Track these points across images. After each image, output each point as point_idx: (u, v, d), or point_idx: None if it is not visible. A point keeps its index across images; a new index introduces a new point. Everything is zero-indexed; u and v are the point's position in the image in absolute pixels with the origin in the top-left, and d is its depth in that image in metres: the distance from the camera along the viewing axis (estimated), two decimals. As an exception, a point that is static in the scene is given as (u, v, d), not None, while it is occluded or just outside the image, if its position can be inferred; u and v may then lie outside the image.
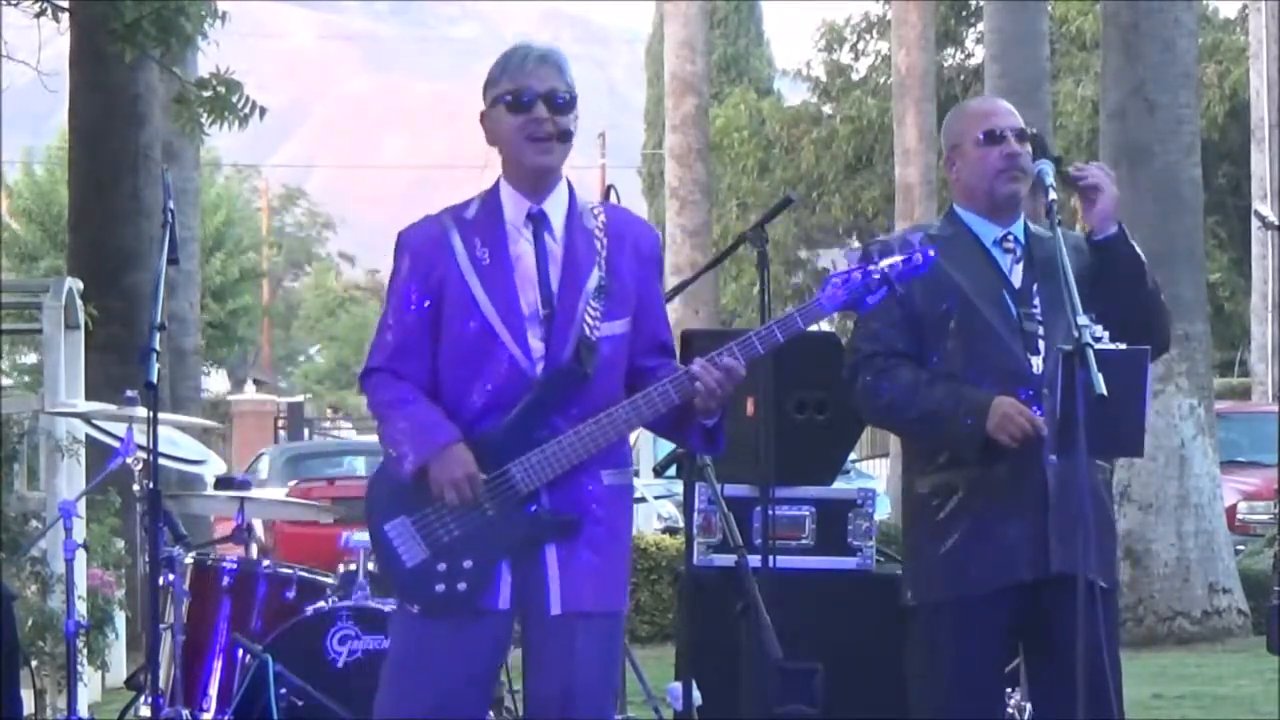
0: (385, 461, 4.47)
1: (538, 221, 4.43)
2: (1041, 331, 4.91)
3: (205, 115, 11.11)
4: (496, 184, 4.50)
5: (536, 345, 4.37)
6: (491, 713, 6.23)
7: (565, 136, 4.42)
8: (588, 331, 4.37)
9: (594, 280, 4.40)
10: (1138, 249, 4.97)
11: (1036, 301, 4.94)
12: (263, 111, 11.19)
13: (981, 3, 25.96)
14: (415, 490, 4.38)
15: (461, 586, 4.36)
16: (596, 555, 4.39)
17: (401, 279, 4.46)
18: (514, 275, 4.39)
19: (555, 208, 4.46)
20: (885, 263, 4.37)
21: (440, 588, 4.36)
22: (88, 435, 8.65)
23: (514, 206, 4.45)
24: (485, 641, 4.39)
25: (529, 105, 4.39)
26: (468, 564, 4.36)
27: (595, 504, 4.40)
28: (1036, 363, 4.88)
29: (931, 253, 4.40)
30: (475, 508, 4.36)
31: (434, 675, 4.36)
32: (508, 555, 4.37)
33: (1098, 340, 4.56)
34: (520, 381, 4.36)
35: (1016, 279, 4.98)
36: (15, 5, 11.17)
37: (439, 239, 4.44)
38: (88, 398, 9.43)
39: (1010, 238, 5.01)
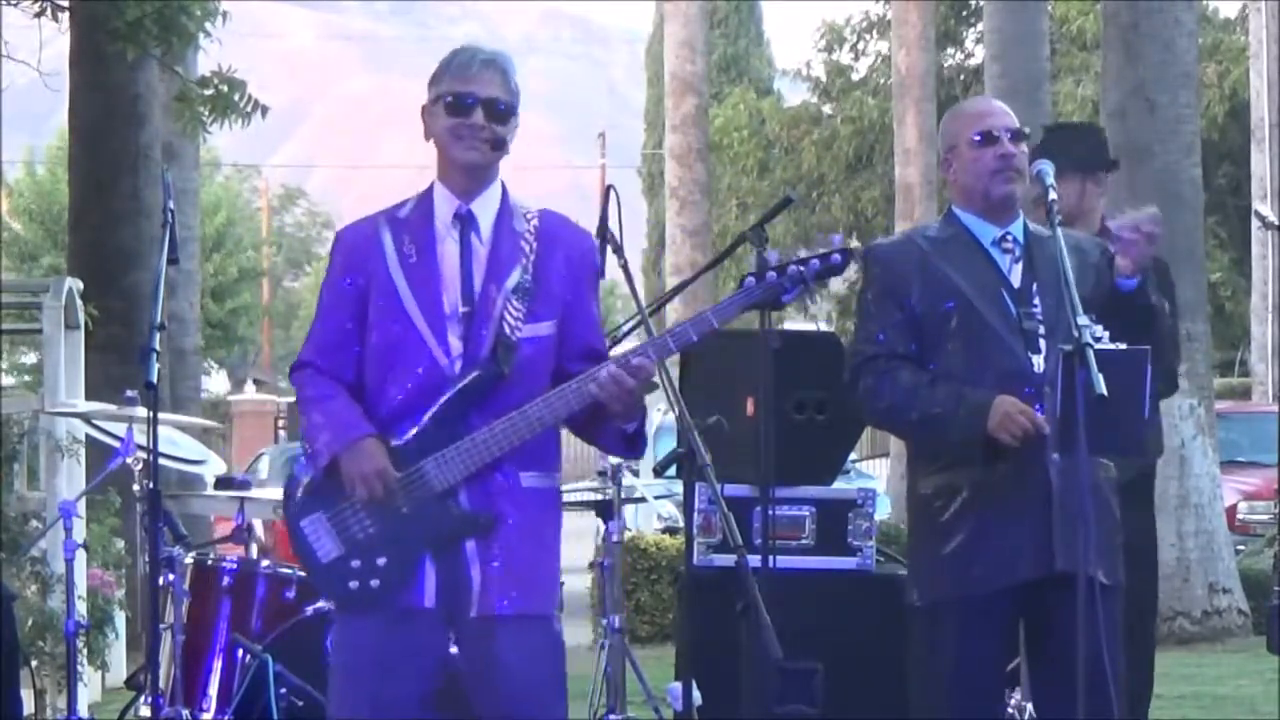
0: (304, 456, 4.52)
1: (465, 221, 4.48)
2: (1042, 330, 4.91)
3: (207, 114, 11.11)
4: (431, 184, 4.55)
5: (456, 344, 4.42)
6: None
7: (499, 144, 4.46)
8: (507, 331, 4.41)
9: (514, 279, 4.44)
10: (1153, 300, 4.97)
11: (1036, 301, 4.94)
12: (264, 110, 11.19)
13: (981, 3, 25.95)
14: (332, 486, 4.42)
15: (375, 583, 4.39)
16: (514, 557, 4.42)
17: (333, 277, 4.54)
18: (439, 274, 4.44)
19: (485, 208, 4.50)
20: (801, 263, 4.45)
21: (354, 584, 4.40)
22: (88, 435, 8.64)
23: (444, 205, 4.50)
24: (414, 640, 4.40)
25: (469, 110, 4.43)
26: (382, 561, 4.39)
27: (512, 505, 4.42)
28: (1038, 361, 4.88)
29: (848, 254, 4.48)
30: (390, 504, 4.38)
31: (369, 675, 4.39)
32: (428, 552, 4.39)
33: (1098, 340, 4.57)
34: (439, 379, 4.41)
35: (1016, 279, 4.98)
36: (15, 5, 11.16)
37: (371, 238, 4.50)
38: (88, 398, 9.43)
39: (1009, 238, 5.02)
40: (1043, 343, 4.89)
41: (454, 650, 4.46)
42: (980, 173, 5.00)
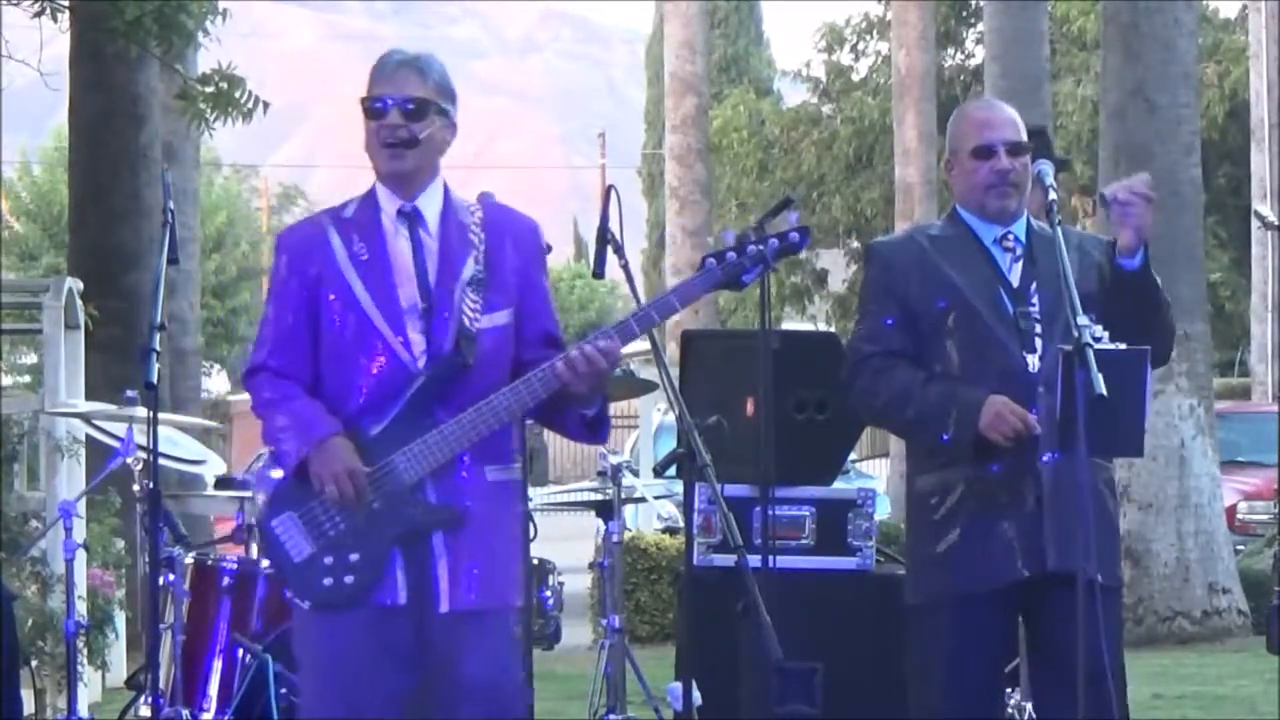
0: (269, 459, 4.54)
1: (411, 218, 4.51)
2: (1039, 330, 4.92)
3: (208, 111, 11.10)
4: (374, 184, 4.57)
5: (417, 339, 4.44)
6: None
7: (413, 143, 4.47)
8: (467, 323, 4.43)
9: (469, 271, 4.47)
10: (1158, 279, 4.98)
11: (1035, 300, 4.95)
12: (266, 106, 11.18)
13: (981, 3, 25.94)
14: (301, 485, 4.43)
15: (349, 580, 4.40)
16: (482, 550, 4.44)
17: (280, 279, 4.55)
18: (392, 270, 4.47)
19: (429, 204, 4.53)
20: (759, 243, 4.46)
21: (328, 581, 4.41)
22: (88, 435, 8.64)
23: (389, 204, 4.52)
24: (387, 638, 4.41)
25: (383, 113, 4.47)
26: (354, 557, 4.41)
27: (478, 498, 4.45)
28: (1033, 361, 4.89)
29: (806, 232, 4.49)
30: (361, 501, 4.40)
31: (345, 676, 4.40)
32: (397, 547, 4.41)
33: (1097, 340, 4.57)
34: (402, 375, 4.43)
35: (1015, 278, 4.99)
36: (15, 4, 11.16)
37: (317, 238, 4.52)
38: (88, 398, 9.43)
39: (1010, 236, 5.03)
40: (1038, 342, 4.90)
41: (421, 646, 4.46)
42: (976, 186, 5.02)
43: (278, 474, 4.52)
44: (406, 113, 4.46)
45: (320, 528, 4.43)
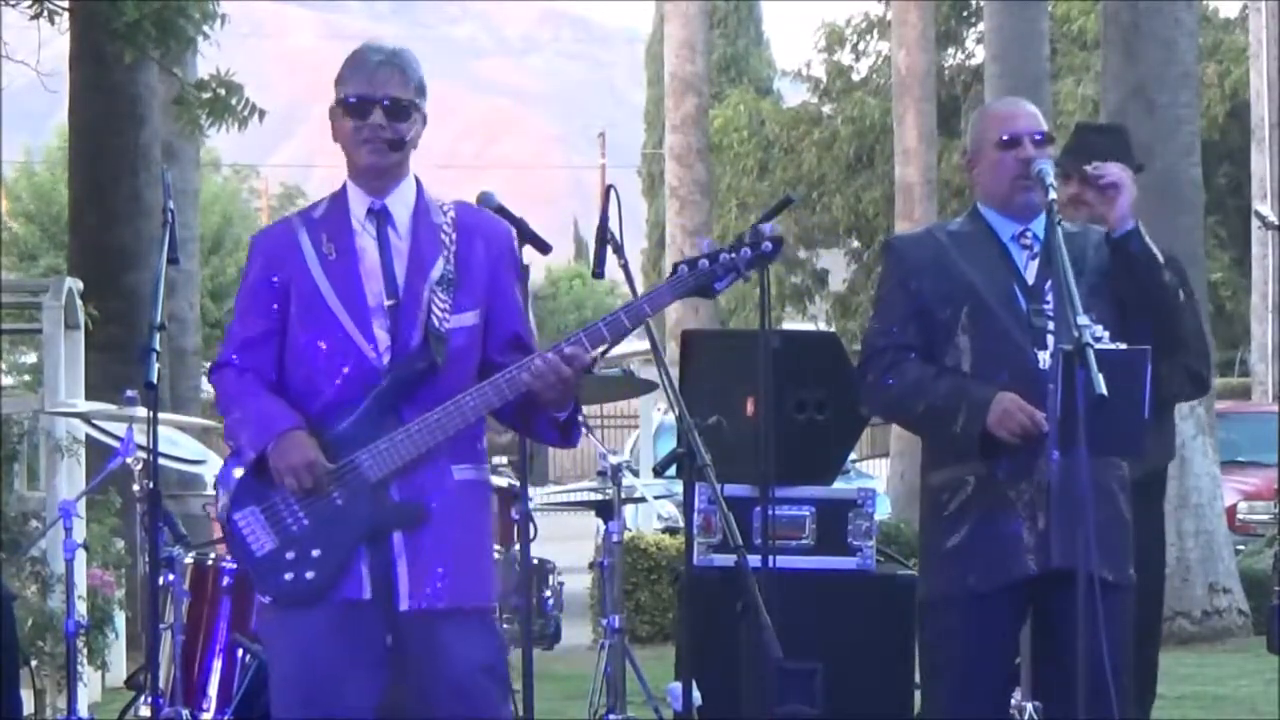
0: (232, 454, 4.54)
1: (380, 217, 4.51)
2: (1051, 327, 4.93)
3: (205, 117, 11.10)
4: (345, 183, 4.57)
5: (382, 336, 4.44)
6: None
7: (399, 144, 4.48)
8: (436, 322, 4.43)
9: (438, 270, 4.46)
10: (1153, 247, 5.00)
11: (1049, 297, 4.96)
12: (261, 114, 11.17)
13: (981, 3, 25.94)
14: (262, 479, 4.43)
15: (310, 575, 4.39)
16: (447, 549, 4.42)
17: (251, 278, 4.56)
18: (359, 269, 4.47)
19: (399, 203, 4.53)
20: (732, 251, 4.45)
21: (288, 576, 4.41)
22: (88, 435, 8.64)
23: (358, 203, 4.53)
24: (357, 633, 4.39)
25: (367, 111, 4.45)
26: (316, 553, 4.40)
27: (443, 497, 4.43)
28: (1044, 358, 4.90)
29: (779, 243, 4.46)
30: (323, 496, 4.40)
31: (316, 672, 4.38)
32: (362, 543, 4.40)
33: (1098, 340, 4.58)
34: (368, 373, 4.43)
35: (1030, 275, 5.00)
36: (14, 6, 11.15)
37: (288, 239, 4.53)
38: (88, 398, 9.42)
39: (1028, 234, 5.04)
40: (1050, 339, 4.91)
41: (392, 643, 4.44)
42: (1002, 177, 5.03)
43: (240, 472, 4.51)
44: (393, 113, 4.46)
45: (283, 523, 4.43)
